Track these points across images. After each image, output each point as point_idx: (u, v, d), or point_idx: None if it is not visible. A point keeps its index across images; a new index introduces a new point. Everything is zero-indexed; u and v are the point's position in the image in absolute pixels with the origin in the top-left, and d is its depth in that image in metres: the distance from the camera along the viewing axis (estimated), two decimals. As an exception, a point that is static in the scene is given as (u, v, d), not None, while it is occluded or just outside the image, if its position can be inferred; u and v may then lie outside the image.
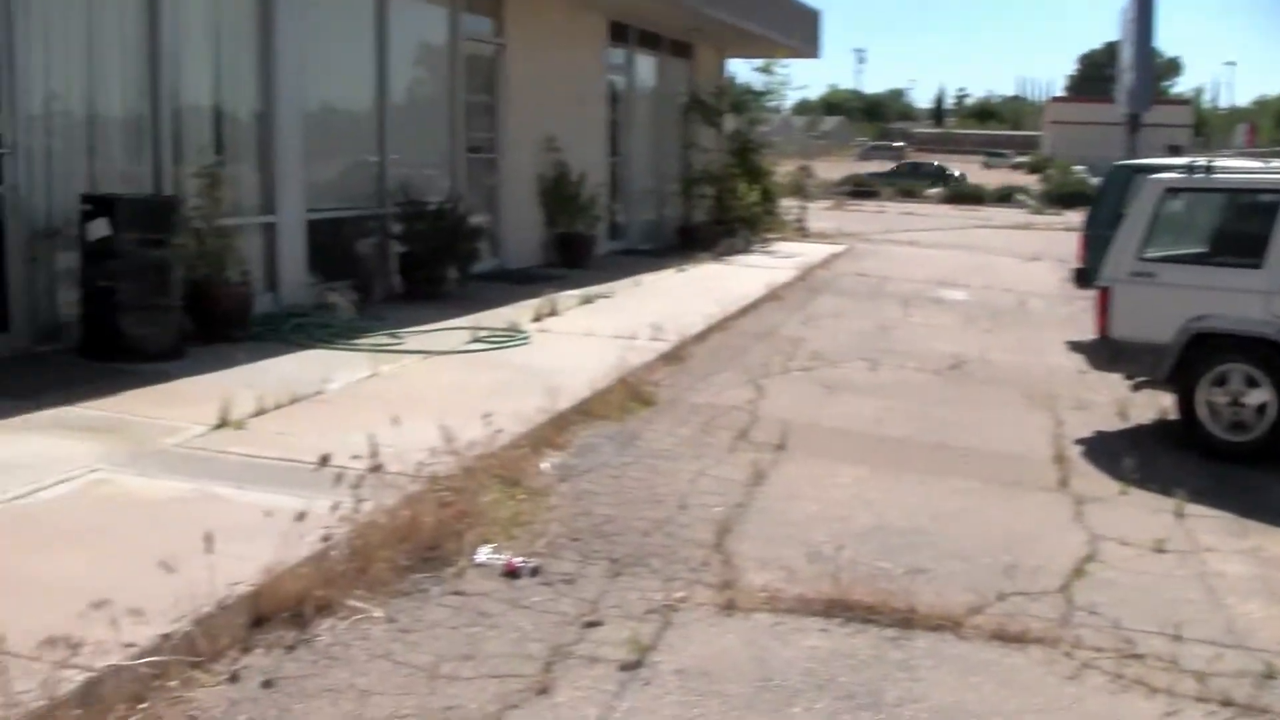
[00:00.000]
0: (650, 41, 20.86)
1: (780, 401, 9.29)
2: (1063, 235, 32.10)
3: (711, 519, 6.31)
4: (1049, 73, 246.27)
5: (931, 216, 39.86)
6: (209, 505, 5.62)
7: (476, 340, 10.36)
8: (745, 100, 22.92)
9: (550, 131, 16.74)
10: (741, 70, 29.45)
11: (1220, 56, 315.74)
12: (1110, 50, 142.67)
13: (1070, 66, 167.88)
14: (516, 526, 5.90)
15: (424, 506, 5.55)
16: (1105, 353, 8.91)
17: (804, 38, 24.25)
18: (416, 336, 10.44)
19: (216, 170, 10.00)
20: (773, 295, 15.24)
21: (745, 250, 20.57)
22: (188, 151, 10.30)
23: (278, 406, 7.54)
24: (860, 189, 52.04)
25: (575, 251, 16.76)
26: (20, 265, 8.90)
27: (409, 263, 12.91)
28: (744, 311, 13.61)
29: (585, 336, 10.97)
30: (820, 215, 29.79)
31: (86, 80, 9.49)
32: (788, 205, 25.65)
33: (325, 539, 4.97)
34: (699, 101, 22.38)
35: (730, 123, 22.80)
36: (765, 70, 22.69)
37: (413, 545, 5.30)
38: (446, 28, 14.60)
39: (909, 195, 53.13)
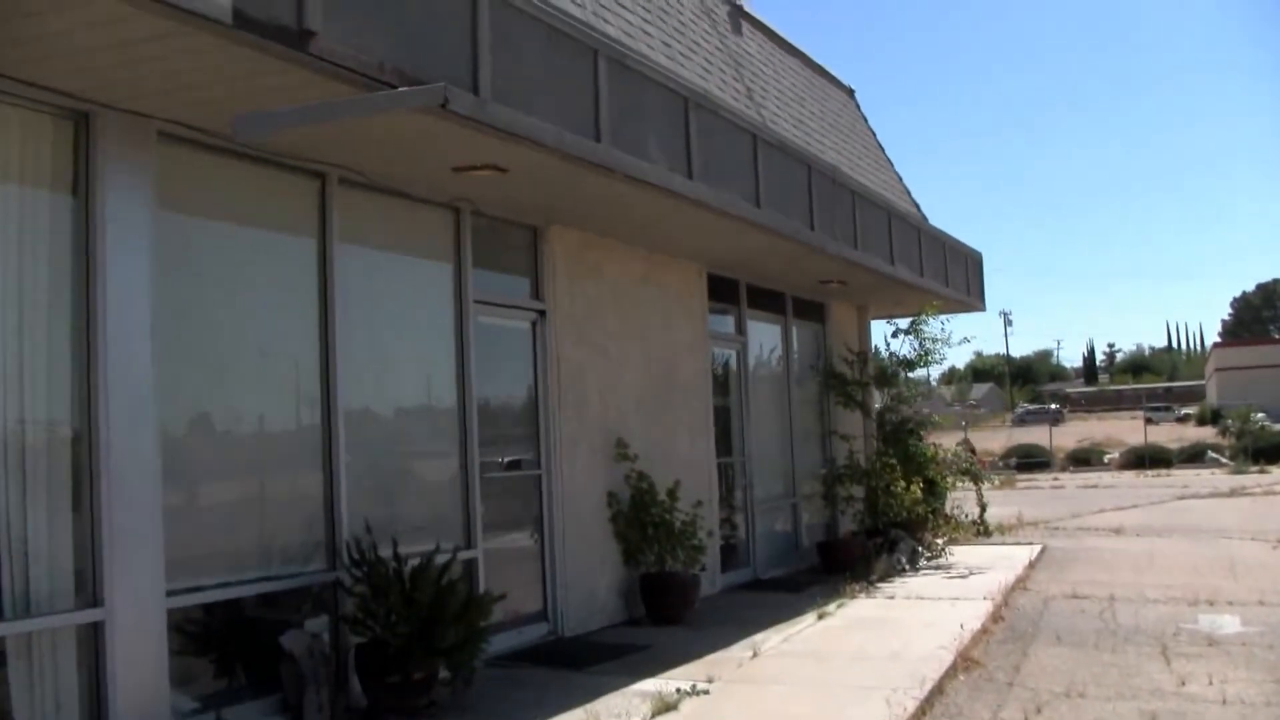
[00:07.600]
0: (768, 301, 16.15)
1: None
2: (1287, 500, 26.98)
3: None
4: (1198, 319, 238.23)
5: (1118, 487, 34.86)
6: None
7: None
8: (896, 369, 17.89)
9: (623, 431, 11.97)
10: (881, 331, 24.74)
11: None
12: (1265, 291, 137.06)
13: (1222, 310, 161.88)
14: None
15: None
16: None
17: (966, 287, 19.33)
18: None
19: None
20: (964, 658, 9.90)
21: (910, 568, 15.32)
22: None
23: None
24: (1027, 460, 47.74)
25: (669, 599, 11.68)
26: None
27: (372, 659, 7.92)
28: (926, 708, 8.32)
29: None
30: (990, 496, 24.12)
31: None
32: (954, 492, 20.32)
33: None
34: (836, 376, 17.47)
35: (877, 399, 17.86)
36: (914, 331, 17.72)
37: None
38: (450, 291, 10.02)
39: (1082, 463, 48.63)
